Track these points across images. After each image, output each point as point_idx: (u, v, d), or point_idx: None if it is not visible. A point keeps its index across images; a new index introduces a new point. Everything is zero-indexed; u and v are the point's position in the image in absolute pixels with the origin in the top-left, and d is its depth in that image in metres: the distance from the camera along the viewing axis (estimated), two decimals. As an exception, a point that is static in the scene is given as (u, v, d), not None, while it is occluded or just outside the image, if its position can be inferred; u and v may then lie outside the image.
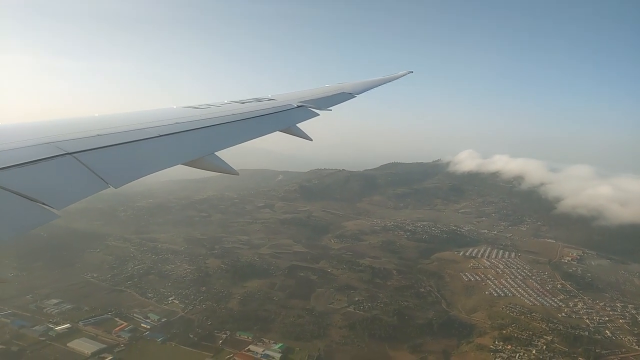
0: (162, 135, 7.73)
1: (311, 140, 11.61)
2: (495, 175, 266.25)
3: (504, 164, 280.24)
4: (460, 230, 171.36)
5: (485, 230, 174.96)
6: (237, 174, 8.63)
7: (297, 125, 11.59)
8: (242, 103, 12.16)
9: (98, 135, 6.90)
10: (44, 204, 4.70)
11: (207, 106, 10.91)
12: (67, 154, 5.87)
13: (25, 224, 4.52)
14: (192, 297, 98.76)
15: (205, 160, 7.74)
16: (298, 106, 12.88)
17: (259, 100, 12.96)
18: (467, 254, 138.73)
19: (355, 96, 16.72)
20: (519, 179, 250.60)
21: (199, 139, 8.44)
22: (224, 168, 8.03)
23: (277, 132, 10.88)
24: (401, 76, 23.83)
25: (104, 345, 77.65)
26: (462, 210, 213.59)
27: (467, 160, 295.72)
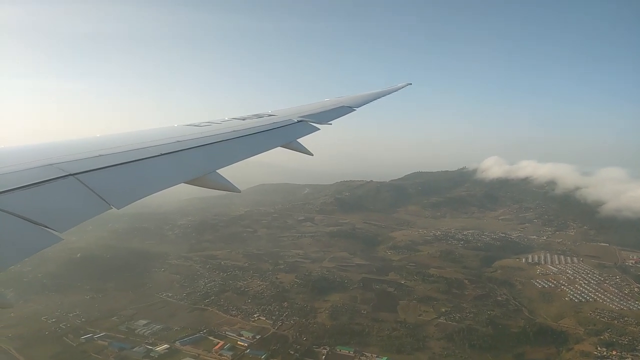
0: (164, 154, 7.66)
1: (312, 155, 11.57)
2: (526, 181, 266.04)
3: (533, 169, 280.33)
4: (509, 237, 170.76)
5: (534, 237, 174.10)
6: (239, 192, 8.46)
7: (297, 140, 11.63)
8: (243, 119, 12.15)
9: (100, 155, 6.83)
10: (46, 226, 4.62)
11: (208, 124, 10.91)
12: (69, 175, 5.76)
13: (27, 248, 4.43)
14: (277, 312, 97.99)
15: (207, 178, 7.65)
16: (298, 121, 12.94)
17: (259, 116, 13.01)
18: (529, 260, 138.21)
19: (355, 109, 16.80)
20: (551, 184, 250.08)
21: (201, 157, 8.37)
22: (226, 186, 7.90)
23: (278, 147, 10.91)
24: (400, 88, 24.00)
25: (211, 365, 77.01)
26: (502, 217, 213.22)
27: (494, 167, 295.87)
